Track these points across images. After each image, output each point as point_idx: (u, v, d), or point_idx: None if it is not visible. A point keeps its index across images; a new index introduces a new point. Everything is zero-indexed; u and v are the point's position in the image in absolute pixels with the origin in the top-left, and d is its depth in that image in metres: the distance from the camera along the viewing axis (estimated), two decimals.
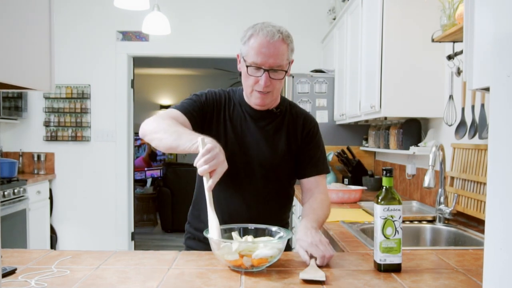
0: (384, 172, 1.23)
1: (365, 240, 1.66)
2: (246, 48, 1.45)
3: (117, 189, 4.49)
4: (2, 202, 3.45)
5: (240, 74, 1.53)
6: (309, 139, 1.58)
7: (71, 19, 4.40)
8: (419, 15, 2.41)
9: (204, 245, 1.44)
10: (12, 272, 1.18)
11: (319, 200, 1.53)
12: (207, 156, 1.18)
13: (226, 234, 1.30)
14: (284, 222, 1.63)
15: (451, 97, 2.16)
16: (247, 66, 1.44)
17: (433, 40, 2.12)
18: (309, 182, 1.57)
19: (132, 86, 4.62)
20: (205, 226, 1.28)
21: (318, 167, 1.58)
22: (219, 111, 1.54)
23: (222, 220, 1.41)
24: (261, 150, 1.52)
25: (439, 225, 2.02)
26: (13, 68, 0.71)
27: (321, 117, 3.78)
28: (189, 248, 1.62)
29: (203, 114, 1.51)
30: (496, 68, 0.75)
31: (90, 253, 1.37)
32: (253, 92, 1.47)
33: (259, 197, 1.53)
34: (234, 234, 1.29)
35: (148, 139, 1.39)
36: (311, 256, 1.24)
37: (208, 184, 1.21)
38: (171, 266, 1.25)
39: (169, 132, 1.31)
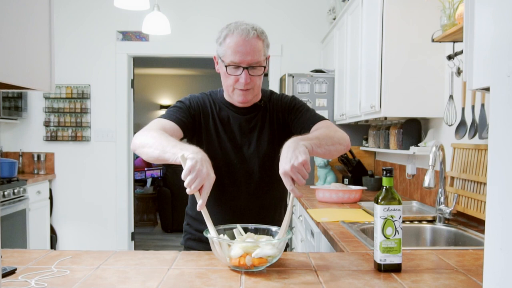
0: (384, 172, 1.23)
1: (365, 240, 1.66)
2: (222, 48, 1.46)
3: (117, 189, 4.49)
4: (2, 202, 3.45)
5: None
6: (294, 111, 1.57)
7: (71, 19, 4.40)
8: (419, 15, 2.41)
9: (205, 245, 1.45)
10: (12, 272, 1.18)
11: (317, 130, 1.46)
12: (189, 177, 1.16)
13: (226, 232, 1.30)
14: (282, 216, 1.64)
15: (451, 97, 2.16)
16: (226, 66, 1.46)
17: (433, 40, 2.12)
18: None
19: (132, 86, 4.62)
20: (206, 226, 1.28)
21: (313, 119, 1.53)
22: (206, 114, 1.55)
23: (224, 218, 1.42)
24: (254, 143, 1.54)
25: (439, 225, 2.02)
26: (13, 68, 0.71)
27: None
28: (189, 248, 1.62)
29: (192, 119, 1.52)
30: (496, 68, 0.75)
31: (90, 253, 1.37)
32: (234, 91, 1.49)
33: (259, 190, 1.54)
34: (236, 230, 1.29)
35: (138, 153, 1.40)
36: (293, 180, 1.22)
37: (199, 204, 1.19)
38: (171, 266, 1.25)
39: (154, 146, 1.31)
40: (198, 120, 1.54)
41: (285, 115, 1.58)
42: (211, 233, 1.23)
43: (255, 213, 1.48)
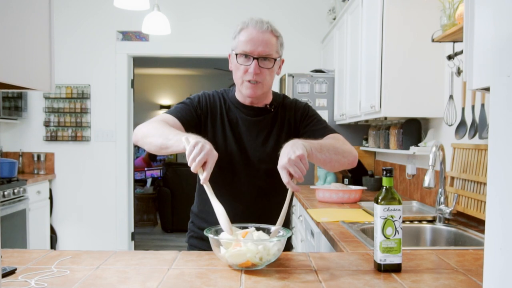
0: (384, 172, 1.23)
1: (365, 240, 1.65)
2: (236, 41, 1.48)
3: (117, 189, 4.49)
4: (2, 202, 3.45)
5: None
6: (307, 119, 1.58)
7: (71, 19, 4.40)
8: (419, 15, 2.41)
9: (208, 243, 1.45)
10: (12, 272, 1.18)
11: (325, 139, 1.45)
12: (194, 152, 1.20)
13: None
14: (285, 219, 1.64)
15: (451, 97, 2.16)
16: (236, 55, 1.46)
17: (433, 40, 2.12)
18: None
19: (132, 86, 4.62)
20: (209, 225, 1.28)
21: (324, 131, 1.54)
22: (214, 114, 1.55)
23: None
24: (260, 147, 1.54)
25: (439, 225, 2.02)
26: (13, 68, 0.71)
27: None
28: (192, 246, 1.63)
29: (197, 117, 1.53)
30: (496, 68, 0.75)
31: (90, 253, 1.37)
32: (243, 84, 1.48)
33: (262, 193, 1.54)
34: (235, 230, 1.30)
35: (140, 144, 1.42)
36: (291, 175, 1.23)
37: (203, 177, 1.22)
38: (171, 266, 1.25)
39: (157, 135, 1.34)
40: (204, 119, 1.54)
41: (297, 122, 1.58)
42: (216, 206, 1.25)
43: (257, 215, 1.47)
